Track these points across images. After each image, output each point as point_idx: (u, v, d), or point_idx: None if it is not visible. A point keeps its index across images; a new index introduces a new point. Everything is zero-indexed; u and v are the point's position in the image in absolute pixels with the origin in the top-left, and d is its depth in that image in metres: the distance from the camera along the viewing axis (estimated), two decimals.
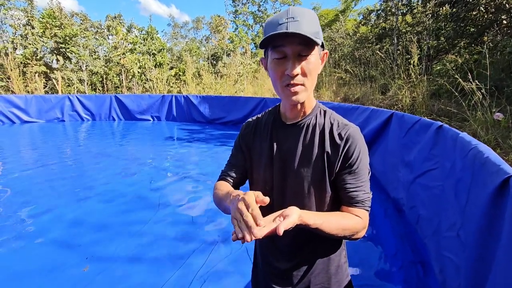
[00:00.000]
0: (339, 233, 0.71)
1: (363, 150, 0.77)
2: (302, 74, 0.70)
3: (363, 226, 0.76)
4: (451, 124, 3.76)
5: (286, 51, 0.68)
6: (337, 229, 0.71)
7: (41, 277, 2.02)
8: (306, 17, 0.67)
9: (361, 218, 0.75)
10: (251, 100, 8.73)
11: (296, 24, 0.65)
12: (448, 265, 1.65)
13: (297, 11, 0.68)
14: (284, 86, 0.72)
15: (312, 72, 0.71)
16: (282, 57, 0.70)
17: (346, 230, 0.72)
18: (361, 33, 11.30)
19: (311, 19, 0.68)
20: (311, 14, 0.70)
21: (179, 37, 26.91)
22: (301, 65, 0.69)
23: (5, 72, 12.44)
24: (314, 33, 0.67)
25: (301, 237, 0.85)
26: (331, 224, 0.70)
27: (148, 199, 3.40)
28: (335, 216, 0.73)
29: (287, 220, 0.59)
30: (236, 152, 0.94)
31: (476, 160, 1.45)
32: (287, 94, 0.73)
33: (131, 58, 14.62)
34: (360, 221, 0.75)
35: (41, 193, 3.57)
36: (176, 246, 2.41)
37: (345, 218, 0.74)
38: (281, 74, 0.71)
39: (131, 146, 6.33)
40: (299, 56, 0.69)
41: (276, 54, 0.70)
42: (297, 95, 0.72)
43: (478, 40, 6.50)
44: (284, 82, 0.72)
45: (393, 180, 3.22)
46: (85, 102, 10.06)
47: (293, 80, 0.70)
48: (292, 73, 0.68)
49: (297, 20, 0.66)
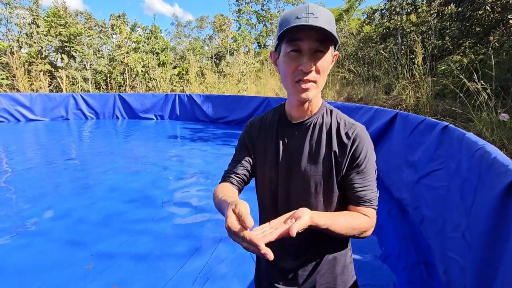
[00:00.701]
0: (348, 232, 0.71)
1: (370, 149, 0.77)
2: (315, 71, 0.70)
3: (371, 225, 0.76)
4: (456, 124, 3.72)
5: (302, 46, 0.68)
6: (346, 229, 0.71)
7: (47, 273, 2.03)
8: (324, 15, 0.67)
9: (369, 217, 0.75)
10: (254, 99, 8.73)
11: (316, 20, 0.65)
12: (453, 266, 1.64)
13: (316, 9, 0.67)
14: (296, 81, 0.71)
15: (325, 70, 0.71)
16: (297, 50, 0.69)
17: (355, 229, 0.72)
18: (365, 33, 11.25)
19: (329, 18, 0.68)
20: (329, 14, 0.69)
21: (182, 36, 26.99)
22: (315, 61, 0.69)
23: (10, 71, 12.55)
24: (332, 31, 0.67)
25: (308, 237, 0.84)
26: (341, 224, 0.70)
27: (151, 197, 3.41)
28: (344, 216, 0.73)
29: (300, 222, 0.58)
30: (240, 149, 0.93)
31: (483, 160, 1.43)
32: (297, 89, 0.72)
33: (134, 57, 14.67)
34: (368, 220, 0.75)
35: (46, 191, 3.59)
36: (179, 245, 2.42)
37: (353, 218, 0.74)
38: (294, 68, 0.70)
39: (134, 145, 6.36)
40: (315, 52, 0.68)
41: (291, 47, 0.69)
42: (307, 91, 0.72)
43: (484, 40, 6.44)
44: (296, 77, 0.71)
45: (397, 180, 3.20)
46: (89, 100, 10.12)
47: (306, 76, 0.69)
48: (307, 68, 0.68)
49: (316, 17, 0.65)
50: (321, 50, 0.68)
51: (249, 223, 0.53)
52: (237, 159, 0.91)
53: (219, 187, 0.84)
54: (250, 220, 0.54)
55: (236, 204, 0.58)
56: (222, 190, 0.81)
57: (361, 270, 2.09)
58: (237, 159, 0.91)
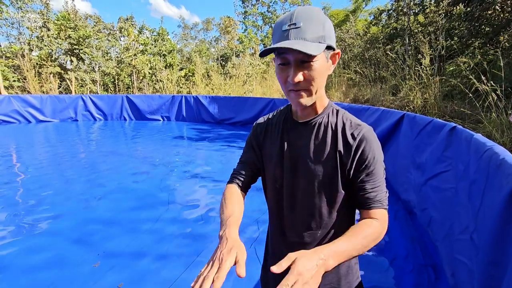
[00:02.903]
0: (363, 251, 0.70)
1: (378, 150, 0.76)
2: (304, 80, 0.70)
3: (382, 228, 0.74)
4: (465, 125, 3.67)
5: (288, 58, 0.68)
6: (359, 250, 0.68)
7: (54, 272, 2.07)
8: (311, 20, 0.66)
9: (379, 221, 0.74)
10: (260, 100, 8.75)
11: (298, 31, 0.65)
12: (460, 269, 1.61)
13: (302, 15, 0.67)
14: (289, 90, 0.73)
15: (316, 78, 0.70)
16: (285, 63, 0.70)
17: (369, 245, 0.70)
18: (372, 34, 11.17)
19: (317, 22, 0.67)
20: (318, 16, 0.68)
21: (189, 38, 27.24)
22: (303, 72, 0.69)
23: (21, 73, 12.85)
24: (318, 38, 0.66)
25: (313, 236, 0.85)
26: (354, 252, 0.67)
27: (158, 197, 3.45)
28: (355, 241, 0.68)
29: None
30: (247, 150, 0.95)
31: (492, 161, 1.41)
32: (291, 98, 0.74)
33: (142, 59, 14.87)
34: (379, 226, 0.73)
35: (55, 190, 3.66)
36: (185, 245, 2.44)
37: (366, 237, 0.70)
38: (284, 79, 0.72)
39: (141, 146, 6.43)
40: (302, 62, 0.68)
41: (280, 60, 0.70)
42: (301, 99, 0.73)
43: (494, 40, 6.34)
44: (288, 87, 0.72)
45: (404, 182, 3.17)
46: (98, 102, 10.28)
47: (296, 86, 0.71)
48: (293, 80, 0.69)
49: (299, 27, 0.65)
50: (307, 60, 0.67)
51: (241, 274, 0.58)
52: (243, 160, 0.95)
53: (227, 188, 0.90)
54: (243, 271, 0.58)
55: (237, 251, 0.62)
56: (230, 193, 0.87)
57: (367, 272, 2.07)
58: (244, 160, 0.95)
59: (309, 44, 0.65)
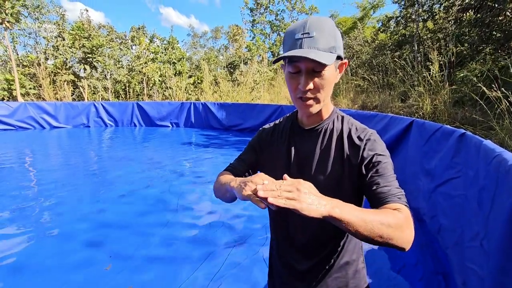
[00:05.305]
0: (374, 229, 0.58)
1: (384, 149, 0.78)
2: (314, 88, 0.73)
3: (406, 221, 0.63)
4: (476, 132, 3.62)
5: (300, 66, 0.71)
6: (371, 222, 0.58)
7: (68, 273, 2.13)
8: (323, 31, 0.69)
9: (402, 213, 0.64)
10: (268, 107, 8.80)
11: (311, 40, 0.68)
12: (471, 277, 1.59)
13: (314, 25, 0.69)
14: (298, 98, 0.76)
15: (325, 86, 0.73)
16: (296, 71, 0.72)
17: (383, 224, 0.59)
18: (380, 40, 11.15)
19: (328, 32, 0.70)
20: (329, 27, 0.71)
21: (198, 46, 27.73)
22: (313, 80, 0.71)
23: (37, 81, 13.31)
24: (329, 48, 0.69)
25: (320, 238, 0.86)
26: (367, 220, 0.58)
27: (167, 202, 3.50)
28: (371, 212, 0.62)
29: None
30: (248, 150, 0.97)
31: (501, 167, 1.40)
32: (299, 105, 0.77)
33: (152, 67, 15.20)
34: (400, 215, 0.63)
35: (68, 194, 3.76)
36: (193, 249, 2.47)
37: (382, 213, 0.63)
38: (295, 87, 0.74)
39: (151, 151, 6.54)
40: (313, 71, 0.71)
41: (291, 68, 0.73)
42: (310, 107, 0.76)
43: (505, 46, 6.25)
44: (297, 94, 0.75)
45: (413, 189, 3.13)
46: (109, 108, 10.53)
47: (305, 94, 0.73)
48: (304, 87, 0.71)
49: (312, 36, 0.68)
50: (318, 69, 0.70)
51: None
52: (242, 157, 0.97)
53: (223, 173, 0.92)
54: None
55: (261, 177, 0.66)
56: (225, 176, 0.88)
57: (376, 279, 2.05)
58: (242, 157, 0.97)
59: (322, 53, 0.67)
